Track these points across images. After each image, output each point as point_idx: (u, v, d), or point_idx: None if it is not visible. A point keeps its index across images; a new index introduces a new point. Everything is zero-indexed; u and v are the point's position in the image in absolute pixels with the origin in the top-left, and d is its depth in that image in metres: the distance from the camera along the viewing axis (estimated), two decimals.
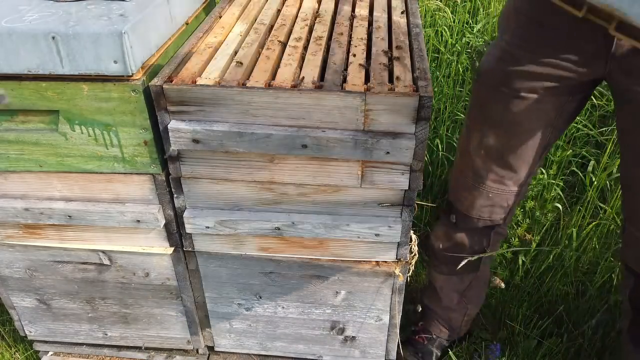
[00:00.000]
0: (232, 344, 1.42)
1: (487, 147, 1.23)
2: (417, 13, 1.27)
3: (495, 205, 1.30)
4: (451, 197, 1.38)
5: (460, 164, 1.32)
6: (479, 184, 1.28)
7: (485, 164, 1.25)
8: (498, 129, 1.20)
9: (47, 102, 0.99)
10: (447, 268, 1.50)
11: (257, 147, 0.99)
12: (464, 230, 1.40)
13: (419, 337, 1.64)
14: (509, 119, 1.17)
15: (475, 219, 1.34)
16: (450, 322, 1.60)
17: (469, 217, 1.35)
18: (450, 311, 1.57)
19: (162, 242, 1.20)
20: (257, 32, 1.19)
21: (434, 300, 1.59)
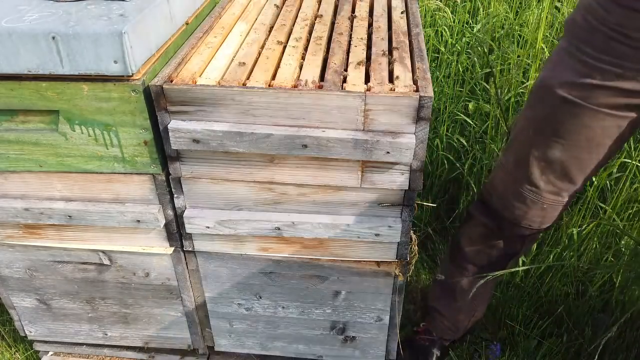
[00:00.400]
0: (232, 344, 1.42)
1: (550, 160, 1.18)
2: (417, 13, 1.27)
3: (547, 215, 1.27)
4: (497, 205, 1.32)
5: (515, 173, 1.26)
6: (535, 195, 1.24)
7: (544, 175, 1.21)
8: (568, 142, 1.15)
9: (47, 102, 0.99)
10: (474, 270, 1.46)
11: (257, 147, 0.99)
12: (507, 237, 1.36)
13: (420, 338, 1.63)
14: (584, 134, 1.12)
15: (524, 228, 1.30)
16: (457, 324, 1.58)
17: (518, 226, 1.30)
18: (459, 313, 1.55)
19: (162, 242, 1.20)
20: (257, 32, 1.19)
21: (444, 301, 1.56)
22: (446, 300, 1.57)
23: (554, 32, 2.09)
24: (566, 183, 1.21)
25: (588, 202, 1.83)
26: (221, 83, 0.98)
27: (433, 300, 1.61)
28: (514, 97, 1.92)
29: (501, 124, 1.90)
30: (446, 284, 1.54)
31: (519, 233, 1.32)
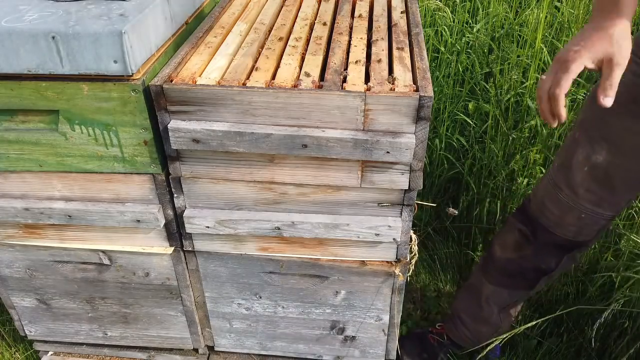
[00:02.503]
0: (232, 343, 1.42)
1: (593, 165, 1.14)
2: (417, 13, 1.27)
3: (584, 227, 1.22)
4: (534, 210, 1.28)
5: (557, 176, 1.22)
6: (573, 201, 1.19)
7: (585, 182, 1.16)
8: (612, 148, 1.11)
9: (47, 102, 0.99)
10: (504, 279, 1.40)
11: (257, 147, 0.99)
12: (540, 247, 1.30)
13: (431, 337, 1.61)
14: (630, 140, 1.09)
15: (557, 236, 1.25)
16: (479, 335, 1.51)
17: (552, 234, 1.25)
18: (484, 324, 1.48)
19: (162, 242, 1.20)
20: (257, 31, 1.19)
21: (470, 310, 1.49)
22: (472, 310, 1.49)
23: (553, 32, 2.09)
24: (608, 193, 1.15)
25: None
26: (221, 83, 0.98)
27: (458, 307, 1.54)
28: (514, 97, 1.92)
29: (501, 124, 1.90)
30: (473, 293, 1.48)
31: (553, 242, 1.26)
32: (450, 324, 1.58)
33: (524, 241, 1.32)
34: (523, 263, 1.33)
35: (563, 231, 1.23)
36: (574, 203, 1.19)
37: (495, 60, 2.12)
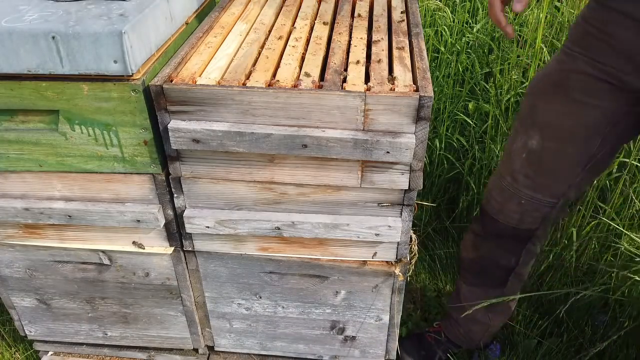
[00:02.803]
0: (232, 343, 1.42)
1: (530, 150, 1.19)
2: (417, 13, 1.27)
3: (525, 213, 1.25)
4: (483, 201, 1.33)
5: (501, 166, 1.28)
6: (513, 188, 1.24)
7: (523, 168, 1.21)
8: (544, 131, 1.16)
9: (47, 102, 0.99)
10: (473, 279, 1.45)
11: (257, 147, 0.99)
12: (491, 240, 1.34)
13: (429, 336, 1.62)
14: (557, 123, 1.14)
15: (501, 224, 1.29)
16: (471, 334, 1.56)
17: (496, 222, 1.30)
18: (473, 323, 1.52)
19: (162, 242, 1.20)
20: (257, 32, 1.19)
21: (457, 308, 1.54)
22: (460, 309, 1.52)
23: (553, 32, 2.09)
24: (544, 178, 1.20)
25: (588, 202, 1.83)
26: (221, 83, 0.98)
27: (450, 306, 1.58)
28: (514, 97, 1.92)
29: (501, 124, 1.90)
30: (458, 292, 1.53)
31: (498, 232, 1.30)
32: (447, 322, 1.61)
33: (478, 239, 1.37)
34: (483, 261, 1.38)
35: (506, 218, 1.28)
36: (514, 190, 1.24)
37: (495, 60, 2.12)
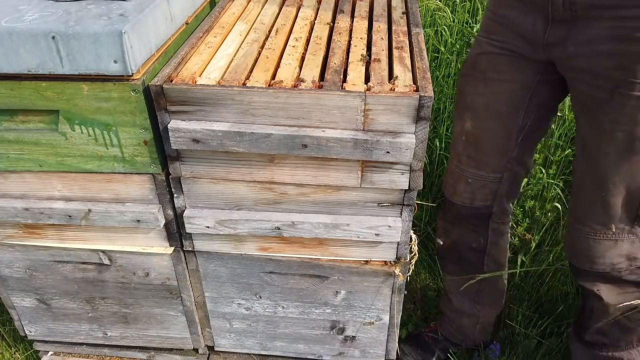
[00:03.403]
0: (232, 343, 1.42)
1: (466, 133, 1.28)
2: (417, 13, 1.27)
3: (475, 191, 1.33)
4: (442, 187, 1.43)
5: (451, 152, 1.38)
6: (460, 169, 1.33)
7: (465, 149, 1.31)
8: (472, 113, 1.26)
9: (47, 102, 0.99)
10: (452, 267, 1.51)
11: (257, 147, 0.99)
12: (457, 224, 1.42)
13: (425, 335, 1.63)
14: (480, 102, 1.24)
15: (458, 205, 1.37)
16: (462, 329, 1.58)
17: (453, 204, 1.39)
18: (461, 316, 1.56)
19: (162, 242, 1.20)
20: (257, 31, 1.19)
21: (445, 302, 1.59)
22: (447, 303, 1.58)
23: None
24: (483, 155, 1.28)
25: None
26: (221, 83, 0.98)
27: (442, 303, 1.63)
28: None
29: None
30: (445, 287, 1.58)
31: (457, 213, 1.39)
32: (441, 320, 1.64)
33: (447, 224, 1.45)
34: (457, 246, 1.45)
35: (460, 198, 1.37)
36: (460, 170, 1.34)
37: None
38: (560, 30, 1.06)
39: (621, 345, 1.30)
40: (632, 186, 1.08)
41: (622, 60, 0.99)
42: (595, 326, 1.30)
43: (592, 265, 1.19)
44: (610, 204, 1.11)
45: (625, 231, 1.14)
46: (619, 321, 1.26)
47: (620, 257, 1.16)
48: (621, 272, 1.18)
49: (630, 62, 0.97)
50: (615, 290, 1.22)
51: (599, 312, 1.27)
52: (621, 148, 1.05)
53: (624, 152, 1.06)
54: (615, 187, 1.09)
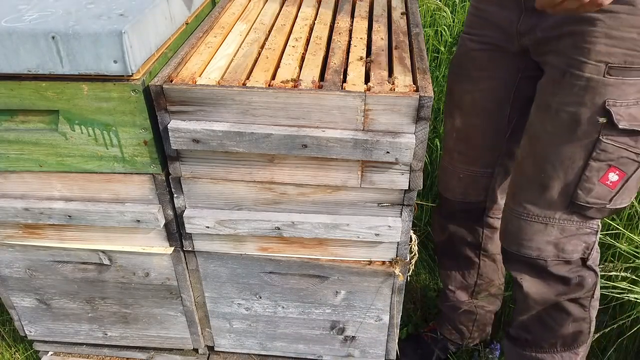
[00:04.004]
0: (232, 343, 1.42)
1: (457, 130, 1.32)
2: (417, 13, 1.27)
3: (468, 187, 1.36)
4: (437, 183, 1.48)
5: (443, 148, 1.42)
6: (452, 165, 1.36)
7: (456, 145, 1.34)
8: (461, 111, 1.30)
9: (47, 102, 0.99)
10: (448, 262, 1.52)
11: (257, 147, 0.99)
12: (452, 219, 1.44)
13: (425, 335, 1.64)
14: (467, 100, 1.27)
15: (451, 200, 1.40)
16: (459, 326, 1.59)
17: (446, 199, 1.42)
18: (458, 313, 1.56)
19: (162, 242, 1.20)
20: (256, 32, 1.19)
21: (442, 299, 1.60)
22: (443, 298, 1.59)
23: None
24: (474, 151, 1.31)
25: None
26: (221, 83, 0.98)
27: (439, 300, 1.64)
28: None
29: None
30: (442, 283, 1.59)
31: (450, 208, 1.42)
32: (440, 319, 1.64)
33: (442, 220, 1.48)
34: (452, 241, 1.48)
35: (453, 194, 1.40)
36: (452, 166, 1.37)
37: None
38: (531, 19, 1.08)
39: (544, 346, 1.30)
40: (570, 171, 1.08)
41: (577, 39, 1.00)
42: (519, 319, 1.31)
43: (520, 248, 1.19)
44: (547, 187, 1.11)
45: (556, 217, 1.13)
46: (542, 318, 1.26)
47: (548, 243, 1.15)
48: (547, 262, 1.17)
49: (584, 41, 0.98)
50: (538, 282, 1.21)
51: (520, 304, 1.27)
52: (564, 130, 1.05)
53: (566, 135, 1.05)
54: (554, 170, 1.09)
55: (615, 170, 1.05)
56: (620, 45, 0.96)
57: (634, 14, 0.93)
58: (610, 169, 1.05)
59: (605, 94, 0.99)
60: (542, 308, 1.24)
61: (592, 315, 1.25)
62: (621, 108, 0.99)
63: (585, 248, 1.15)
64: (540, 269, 1.19)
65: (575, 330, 1.25)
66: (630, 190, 1.09)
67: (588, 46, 0.98)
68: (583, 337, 1.27)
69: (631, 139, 1.02)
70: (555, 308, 1.23)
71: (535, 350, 1.31)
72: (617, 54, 0.97)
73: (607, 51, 0.97)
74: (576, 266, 1.17)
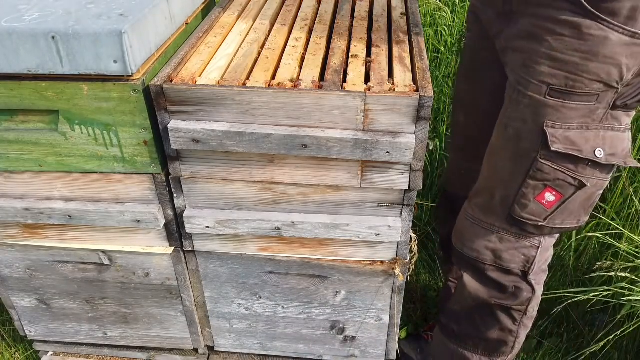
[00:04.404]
0: (232, 343, 1.42)
1: (460, 126, 1.36)
2: (417, 13, 1.27)
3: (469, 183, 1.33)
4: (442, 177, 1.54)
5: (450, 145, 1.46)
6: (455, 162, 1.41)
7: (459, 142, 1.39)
8: (464, 108, 1.33)
9: (47, 102, 0.99)
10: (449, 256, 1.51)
11: (257, 147, 0.99)
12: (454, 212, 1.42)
13: (424, 334, 1.64)
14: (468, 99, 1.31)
15: (450, 192, 1.44)
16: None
17: (446, 192, 1.46)
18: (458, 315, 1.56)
19: (162, 242, 1.20)
20: (256, 32, 1.19)
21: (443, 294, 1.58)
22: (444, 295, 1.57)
23: None
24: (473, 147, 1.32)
25: None
26: (221, 83, 0.98)
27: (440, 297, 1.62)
28: None
29: None
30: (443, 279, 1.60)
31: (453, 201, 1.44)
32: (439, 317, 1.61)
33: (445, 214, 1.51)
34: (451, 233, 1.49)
35: (452, 187, 1.45)
36: (456, 163, 1.41)
37: None
38: (501, 24, 1.06)
39: (468, 343, 1.31)
40: (510, 185, 1.08)
41: (525, 57, 0.99)
42: (452, 307, 1.32)
43: (463, 247, 1.21)
44: (492, 196, 1.12)
45: (496, 225, 1.14)
46: (472, 315, 1.26)
47: (487, 249, 1.16)
48: (485, 266, 1.18)
49: (532, 61, 0.98)
50: (476, 282, 1.23)
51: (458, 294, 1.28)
52: (509, 144, 1.06)
53: (510, 149, 1.06)
54: (499, 182, 1.10)
55: (552, 190, 1.04)
56: (563, 68, 0.94)
57: (579, 38, 0.91)
58: (547, 189, 1.04)
59: (545, 114, 0.98)
60: (474, 304, 1.25)
61: (521, 333, 1.25)
62: (559, 131, 0.98)
63: (524, 261, 1.15)
64: (479, 271, 1.20)
65: (500, 339, 1.26)
66: (572, 212, 1.08)
67: (533, 65, 0.97)
68: (506, 349, 1.27)
69: (571, 162, 1.01)
70: (486, 310, 1.24)
71: (459, 345, 1.32)
72: (559, 77, 0.95)
73: (549, 72, 0.96)
74: (515, 277, 1.18)
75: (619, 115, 0.99)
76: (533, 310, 1.22)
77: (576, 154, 0.99)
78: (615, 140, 1.01)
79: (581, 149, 0.99)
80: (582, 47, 0.92)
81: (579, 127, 0.98)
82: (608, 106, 0.97)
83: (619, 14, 0.88)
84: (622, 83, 0.94)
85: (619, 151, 1.02)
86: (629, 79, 0.95)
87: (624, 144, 1.02)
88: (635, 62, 0.92)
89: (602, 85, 0.94)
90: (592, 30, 0.90)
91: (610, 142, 1.00)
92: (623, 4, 0.87)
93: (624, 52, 0.91)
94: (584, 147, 0.99)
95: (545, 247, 1.16)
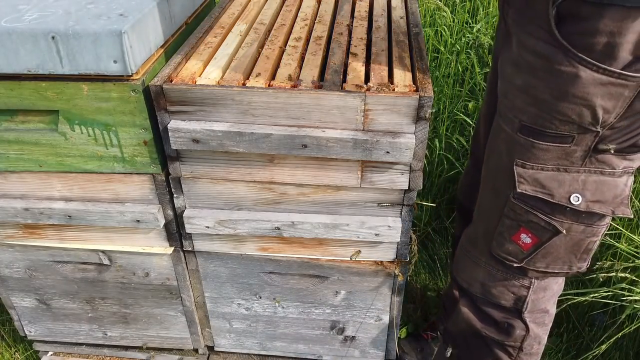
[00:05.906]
0: (232, 343, 1.42)
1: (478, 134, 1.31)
2: (417, 13, 1.27)
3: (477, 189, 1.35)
4: None
5: None
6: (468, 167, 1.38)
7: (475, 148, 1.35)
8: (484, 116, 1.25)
9: (47, 102, 0.99)
10: None
11: (257, 147, 0.99)
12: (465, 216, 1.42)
13: (424, 334, 1.64)
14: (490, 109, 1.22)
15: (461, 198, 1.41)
16: None
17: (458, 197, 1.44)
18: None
19: (162, 242, 1.20)
20: (256, 32, 1.19)
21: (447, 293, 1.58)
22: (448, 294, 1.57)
23: None
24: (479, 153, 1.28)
25: None
26: (221, 83, 0.98)
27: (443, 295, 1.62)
28: None
29: None
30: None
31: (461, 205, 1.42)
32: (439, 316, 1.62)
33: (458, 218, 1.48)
34: None
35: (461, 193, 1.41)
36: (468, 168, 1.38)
37: None
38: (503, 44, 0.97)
39: None
40: (490, 220, 1.03)
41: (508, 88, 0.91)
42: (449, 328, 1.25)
43: (457, 275, 1.17)
44: (477, 228, 1.09)
45: (483, 260, 1.08)
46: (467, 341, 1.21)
47: (475, 281, 1.12)
48: (477, 297, 1.13)
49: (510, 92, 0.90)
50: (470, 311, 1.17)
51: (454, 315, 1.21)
52: (491, 178, 1.01)
53: (491, 183, 1.02)
54: (484, 216, 1.06)
55: (527, 232, 0.96)
56: (535, 104, 0.85)
57: (550, 74, 0.81)
58: (522, 230, 0.96)
59: (515, 152, 0.91)
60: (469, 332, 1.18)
61: None
62: (529, 171, 0.90)
63: (515, 299, 1.07)
64: (472, 301, 1.16)
65: None
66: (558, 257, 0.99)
67: (510, 97, 0.90)
68: None
69: (546, 205, 0.92)
70: (480, 341, 1.16)
71: None
72: (530, 114, 0.86)
73: (521, 108, 0.87)
74: (508, 313, 1.10)
75: (608, 159, 0.88)
76: (531, 347, 1.13)
77: (547, 198, 0.90)
78: (603, 185, 0.89)
79: (552, 193, 0.90)
80: (551, 84, 0.82)
81: (555, 169, 0.89)
82: (588, 149, 0.86)
83: (593, 50, 0.77)
84: (599, 126, 0.83)
85: (607, 198, 0.90)
86: (611, 122, 0.83)
87: (617, 190, 0.90)
88: (614, 103, 0.80)
89: (575, 127, 0.84)
90: (563, 66, 0.80)
91: (595, 188, 0.89)
92: (598, 39, 0.76)
93: (598, 93, 0.79)
94: (556, 192, 0.90)
95: (542, 287, 1.06)
